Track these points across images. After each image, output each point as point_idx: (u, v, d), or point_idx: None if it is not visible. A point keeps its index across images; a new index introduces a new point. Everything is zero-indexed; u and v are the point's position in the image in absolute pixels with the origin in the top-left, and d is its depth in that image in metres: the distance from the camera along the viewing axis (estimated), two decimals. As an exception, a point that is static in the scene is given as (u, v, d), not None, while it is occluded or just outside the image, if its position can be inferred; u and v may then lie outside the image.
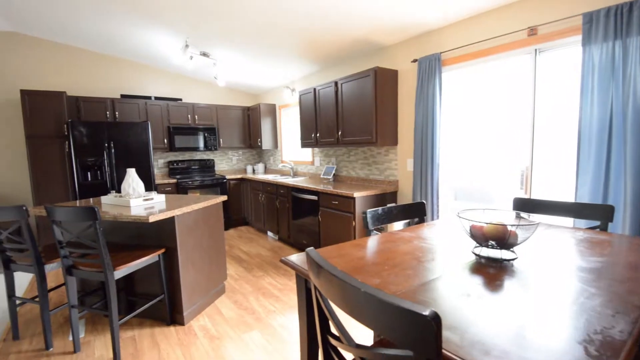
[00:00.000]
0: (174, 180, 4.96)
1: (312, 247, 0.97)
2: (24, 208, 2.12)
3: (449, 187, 3.24)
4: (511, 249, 1.29)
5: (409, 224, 3.20)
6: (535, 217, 1.84)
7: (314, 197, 3.80)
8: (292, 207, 4.28)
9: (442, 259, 1.28)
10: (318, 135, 4.15)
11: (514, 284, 1.04)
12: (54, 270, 3.10)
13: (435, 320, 0.60)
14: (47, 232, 4.24)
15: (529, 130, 2.60)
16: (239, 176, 5.61)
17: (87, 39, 4.42)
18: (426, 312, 0.60)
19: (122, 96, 4.82)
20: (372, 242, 1.51)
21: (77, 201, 3.01)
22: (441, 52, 3.00)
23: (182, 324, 2.60)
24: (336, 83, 3.78)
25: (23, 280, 3.68)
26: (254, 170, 6.15)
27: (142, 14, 3.47)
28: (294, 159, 5.51)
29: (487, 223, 1.25)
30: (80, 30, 4.14)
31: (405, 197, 3.54)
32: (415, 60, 3.22)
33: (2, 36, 4.35)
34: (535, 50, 2.49)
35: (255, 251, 4.44)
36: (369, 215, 1.65)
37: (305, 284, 1.21)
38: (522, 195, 2.68)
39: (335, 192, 3.42)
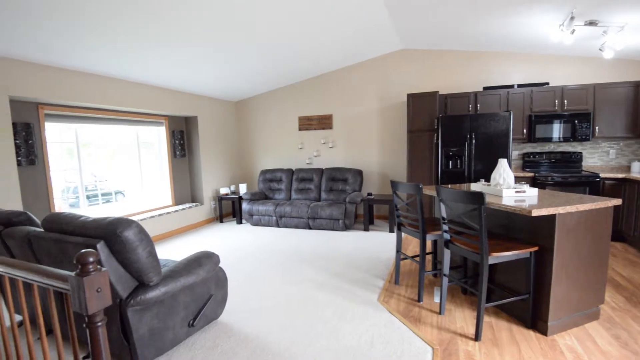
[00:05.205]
0: (530, 174, 4.55)
1: None
2: (420, 186, 2.64)
3: None
4: None
5: None
6: None
7: None
8: None
9: None
10: None
11: None
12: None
13: None
14: (411, 208, 5.23)
15: None
16: (619, 175, 4.28)
17: (458, 41, 4.88)
18: None
19: (485, 88, 4.97)
20: None
21: (439, 185, 3.42)
22: None
23: (544, 333, 2.34)
24: None
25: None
26: (644, 169, 4.48)
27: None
28: None
29: None
30: (455, 34, 4.62)
31: None
32: None
33: (396, 54, 5.71)
34: None
35: (639, 279, 3.25)
36: None
37: None
38: None
39: None
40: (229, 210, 6.91)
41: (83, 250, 1.09)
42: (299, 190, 6.08)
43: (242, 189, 6.25)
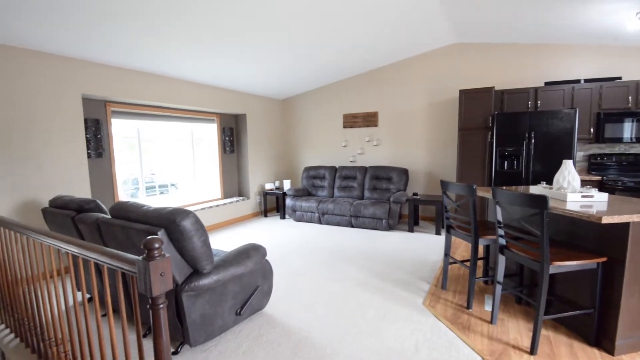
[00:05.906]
0: (597, 178, 4.14)
1: None
2: (473, 187, 2.51)
3: None
4: None
5: None
6: None
7: None
8: None
9: None
10: None
11: None
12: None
13: None
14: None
15: None
16: None
17: (516, 32, 4.56)
18: None
19: (546, 84, 4.60)
20: None
21: (495, 187, 3.22)
22: None
23: (610, 352, 2.12)
24: None
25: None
26: None
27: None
28: None
29: None
30: (514, 25, 4.32)
31: None
32: None
33: (448, 48, 5.46)
34: None
35: None
36: None
37: None
38: None
39: None
40: (273, 205, 7.08)
41: (149, 237, 1.17)
42: (341, 187, 6.07)
43: (286, 185, 6.37)
